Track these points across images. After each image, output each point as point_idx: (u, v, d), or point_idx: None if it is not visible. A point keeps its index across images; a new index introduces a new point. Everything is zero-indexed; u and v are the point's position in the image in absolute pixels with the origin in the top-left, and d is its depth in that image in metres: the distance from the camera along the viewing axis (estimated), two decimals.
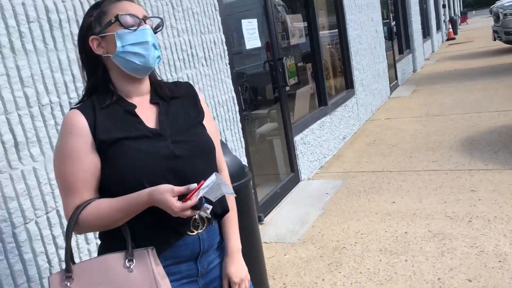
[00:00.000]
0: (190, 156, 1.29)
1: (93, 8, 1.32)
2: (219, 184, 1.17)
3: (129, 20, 1.26)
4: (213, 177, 1.15)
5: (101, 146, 1.24)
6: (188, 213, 1.15)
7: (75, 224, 1.22)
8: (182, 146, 1.29)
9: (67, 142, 1.23)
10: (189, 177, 1.27)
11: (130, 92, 1.32)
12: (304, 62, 5.18)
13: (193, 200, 1.14)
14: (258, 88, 4.40)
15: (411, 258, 2.78)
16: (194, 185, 1.14)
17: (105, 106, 1.27)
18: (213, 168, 1.37)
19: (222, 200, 1.37)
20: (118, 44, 1.25)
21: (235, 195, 1.36)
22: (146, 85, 1.36)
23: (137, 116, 1.29)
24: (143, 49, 1.26)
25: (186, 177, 1.27)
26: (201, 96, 1.46)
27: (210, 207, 1.21)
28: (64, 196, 1.26)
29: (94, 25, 1.28)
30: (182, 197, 1.15)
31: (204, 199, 1.18)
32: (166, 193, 1.14)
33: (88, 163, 1.23)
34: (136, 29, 1.26)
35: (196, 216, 1.29)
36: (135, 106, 1.30)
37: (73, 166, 1.23)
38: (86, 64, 1.32)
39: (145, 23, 1.29)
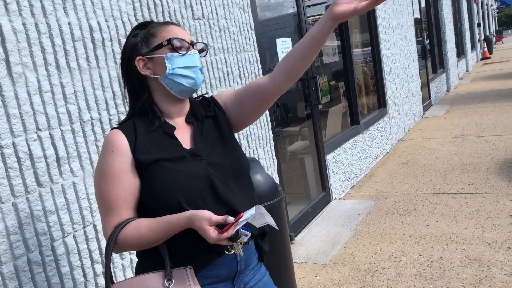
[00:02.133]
0: (223, 178, 1.30)
1: (137, 28, 1.34)
2: (262, 214, 1.17)
3: (180, 44, 1.29)
4: (252, 210, 1.14)
5: (140, 166, 1.25)
6: (224, 243, 1.16)
7: (114, 243, 1.23)
8: (216, 168, 1.30)
9: (108, 161, 1.25)
10: (225, 197, 1.28)
11: (172, 112, 1.35)
12: (336, 80, 5.16)
13: (230, 232, 1.14)
14: (289, 105, 4.40)
15: (447, 285, 2.69)
16: (232, 219, 1.14)
17: (154, 129, 1.29)
18: (246, 186, 1.37)
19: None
20: (168, 66, 1.27)
21: (277, 229, 1.36)
22: (187, 105, 1.39)
23: (176, 139, 1.31)
24: (192, 72, 1.30)
25: (221, 197, 1.28)
26: (221, 95, 1.46)
27: (249, 233, 1.21)
28: (104, 215, 1.27)
29: (141, 46, 1.30)
30: (221, 225, 1.16)
31: (242, 227, 1.18)
32: (204, 221, 1.14)
33: (128, 182, 1.25)
34: (185, 53, 1.29)
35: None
36: (174, 128, 1.32)
37: (113, 184, 1.24)
38: (130, 84, 1.33)
39: (193, 48, 1.32)
